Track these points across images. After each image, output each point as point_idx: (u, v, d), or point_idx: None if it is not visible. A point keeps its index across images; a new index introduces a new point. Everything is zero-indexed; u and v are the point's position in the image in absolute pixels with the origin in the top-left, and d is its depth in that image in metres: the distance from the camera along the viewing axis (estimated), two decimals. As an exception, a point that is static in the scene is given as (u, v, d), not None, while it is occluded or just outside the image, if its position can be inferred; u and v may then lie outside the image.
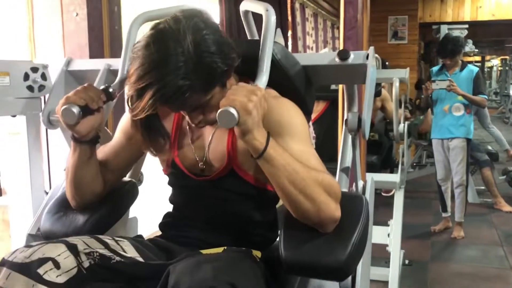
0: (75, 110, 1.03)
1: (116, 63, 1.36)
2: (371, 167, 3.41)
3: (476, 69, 3.97)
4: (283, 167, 0.94)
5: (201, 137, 1.15)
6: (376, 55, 3.16)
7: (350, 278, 1.14)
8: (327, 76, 1.32)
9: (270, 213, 1.21)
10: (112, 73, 1.47)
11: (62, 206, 1.24)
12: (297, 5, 4.81)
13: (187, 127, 1.16)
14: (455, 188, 4.02)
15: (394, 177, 2.98)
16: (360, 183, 1.25)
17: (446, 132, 3.97)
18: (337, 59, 1.20)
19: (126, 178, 1.36)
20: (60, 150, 2.10)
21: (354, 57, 1.20)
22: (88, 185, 1.16)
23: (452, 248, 3.79)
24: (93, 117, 1.09)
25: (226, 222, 1.16)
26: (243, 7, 1.26)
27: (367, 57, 1.18)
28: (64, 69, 1.57)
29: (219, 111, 0.90)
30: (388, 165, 4.40)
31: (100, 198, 1.20)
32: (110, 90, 1.12)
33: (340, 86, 2.11)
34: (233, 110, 0.88)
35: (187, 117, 1.07)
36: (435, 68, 4.25)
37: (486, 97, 4.08)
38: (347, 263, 0.93)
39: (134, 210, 1.48)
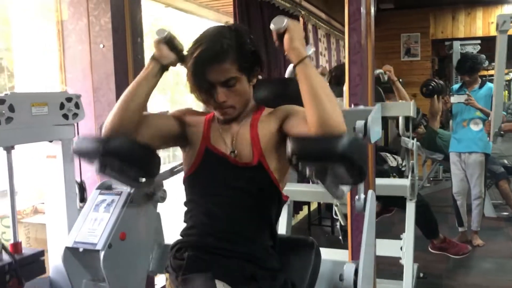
0: (166, 32, 1.27)
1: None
2: (382, 174, 3.23)
3: None
4: (315, 73, 1.16)
5: (229, 131, 1.32)
6: (380, 70, 3.25)
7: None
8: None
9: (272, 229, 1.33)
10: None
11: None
12: (309, 27, 4.97)
13: (218, 127, 1.33)
14: (473, 200, 4.10)
15: (403, 181, 2.92)
16: (362, 196, 1.35)
17: (464, 146, 4.06)
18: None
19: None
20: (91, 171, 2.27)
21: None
22: (133, 108, 1.23)
23: (468, 261, 3.81)
24: (173, 56, 1.28)
25: (242, 217, 1.26)
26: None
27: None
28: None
29: (275, 18, 1.18)
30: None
31: (129, 141, 1.22)
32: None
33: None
34: (285, 18, 1.18)
35: (216, 95, 1.23)
36: (455, 86, 4.41)
37: (505, 113, 4.14)
38: None
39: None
